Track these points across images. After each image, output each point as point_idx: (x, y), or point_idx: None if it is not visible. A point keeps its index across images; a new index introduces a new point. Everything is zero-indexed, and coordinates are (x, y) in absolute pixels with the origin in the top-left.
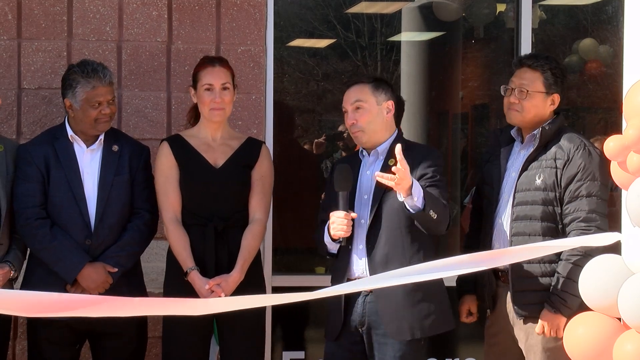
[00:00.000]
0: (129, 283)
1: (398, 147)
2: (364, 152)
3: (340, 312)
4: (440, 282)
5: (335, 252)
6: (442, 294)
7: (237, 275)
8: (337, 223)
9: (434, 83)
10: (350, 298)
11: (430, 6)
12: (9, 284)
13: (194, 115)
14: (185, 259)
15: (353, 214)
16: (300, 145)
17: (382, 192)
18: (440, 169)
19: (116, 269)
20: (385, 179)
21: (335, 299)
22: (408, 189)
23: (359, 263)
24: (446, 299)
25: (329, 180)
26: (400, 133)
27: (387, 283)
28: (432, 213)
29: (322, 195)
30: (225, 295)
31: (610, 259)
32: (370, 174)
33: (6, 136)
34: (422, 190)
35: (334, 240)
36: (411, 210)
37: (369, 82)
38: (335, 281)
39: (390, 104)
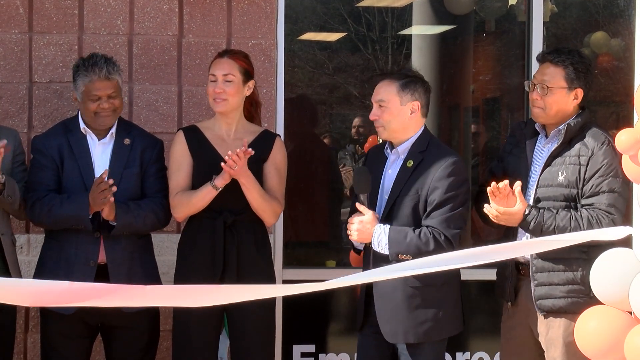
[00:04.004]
0: (146, 276)
1: (360, 207)
2: (388, 150)
3: (362, 304)
4: (447, 288)
5: (362, 248)
6: (445, 300)
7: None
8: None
9: (445, 77)
10: (369, 292)
11: None
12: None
13: None
14: (204, 186)
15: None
16: (311, 138)
17: (397, 193)
18: (452, 180)
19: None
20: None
21: (361, 292)
22: (367, 240)
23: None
24: (448, 305)
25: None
26: (426, 131)
27: (396, 274)
28: (403, 257)
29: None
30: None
31: (621, 252)
32: (392, 174)
33: (17, 130)
34: (386, 238)
35: None
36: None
37: (398, 79)
38: None
39: (416, 104)
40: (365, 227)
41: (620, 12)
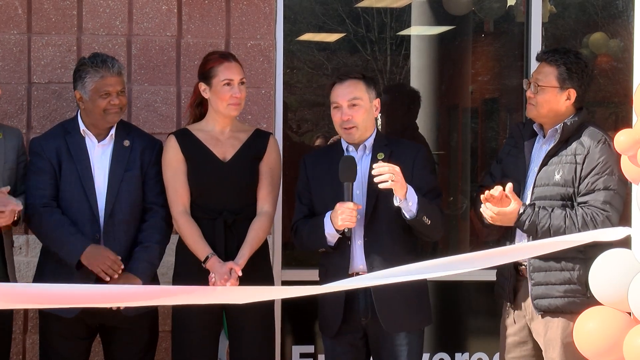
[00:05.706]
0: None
1: (379, 164)
2: (349, 148)
3: (341, 307)
4: (424, 281)
5: (333, 244)
6: (425, 292)
7: (242, 263)
8: (346, 214)
9: (444, 77)
10: (351, 293)
11: (440, 0)
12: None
13: (199, 113)
14: (202, 247)
15: (358, 205)
16: (309, 138)
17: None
18: (430, 168)
19: (140, 280)
20: (382, 173)
21: (335, 294)
22: (404, 193)
23: (359, 258)
24: (427, 296)
25: (303, 175)
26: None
27: (396, 279)
28: (425, 219)
29: (297, 190)
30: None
31: (620, 253)
32: (360, 170)
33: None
34: (416, 196)
35: (338, 231)
36: (407, 215)
37: (361, 78)
38: (334, 276)
39: (378, 101)
40: (401, 180)
41: (619, 12)
